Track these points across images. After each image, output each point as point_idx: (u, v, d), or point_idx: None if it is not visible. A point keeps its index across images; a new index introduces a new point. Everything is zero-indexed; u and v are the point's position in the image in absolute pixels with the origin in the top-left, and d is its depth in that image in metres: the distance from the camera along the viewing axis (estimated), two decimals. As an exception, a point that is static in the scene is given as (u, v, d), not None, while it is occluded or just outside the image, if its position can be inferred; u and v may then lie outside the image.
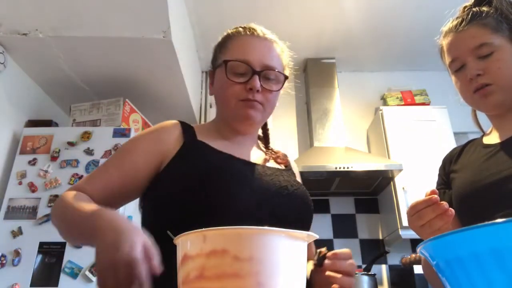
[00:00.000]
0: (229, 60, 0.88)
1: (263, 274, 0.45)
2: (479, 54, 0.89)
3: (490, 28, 0.90)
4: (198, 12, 2.65)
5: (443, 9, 1.14)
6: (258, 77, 0.87)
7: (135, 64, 2.38)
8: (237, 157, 0.88)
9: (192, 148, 0.85)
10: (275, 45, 0.95)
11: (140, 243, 0.56)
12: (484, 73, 0.88)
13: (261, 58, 0.89)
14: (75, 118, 2.48)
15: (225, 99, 0.90)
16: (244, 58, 0.88)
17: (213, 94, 0.97)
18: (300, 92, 3.31)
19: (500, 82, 0.88)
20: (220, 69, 0.91)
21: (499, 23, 0.90)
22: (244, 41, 0.92)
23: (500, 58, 0.88)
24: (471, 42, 0.90)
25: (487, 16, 0.91)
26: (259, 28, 0.95)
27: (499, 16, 0.91)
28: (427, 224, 0.77)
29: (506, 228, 0.38)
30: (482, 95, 0.90)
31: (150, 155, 0.84)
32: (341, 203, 2.91)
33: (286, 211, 0.82)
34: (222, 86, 0.90)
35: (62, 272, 1.89)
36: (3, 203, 2.08)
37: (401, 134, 2.72)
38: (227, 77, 0.87)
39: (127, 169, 0.83)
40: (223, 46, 0.94)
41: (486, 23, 0.90)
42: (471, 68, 0.90)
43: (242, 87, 0.87)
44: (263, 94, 0.89)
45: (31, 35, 2.09)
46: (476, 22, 0.91)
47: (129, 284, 0.54)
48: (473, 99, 0.93)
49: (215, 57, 0.97)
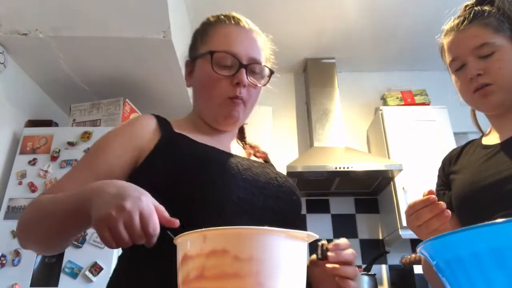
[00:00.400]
0: (215, 51, 0.81)
1: (263, 274, 0.45)
2: (480, 54, 0.89)
3: (492, 28, 0.89)
4: (198, 12, 2.65)
5: (443, 8, 1.14)
6: (245, 70, 0.82)
7: (135, 64, 2.38)
8: (222, 150, 0.83)
9: (172, 140, 0.79)
10: (259, 37, 0.90)
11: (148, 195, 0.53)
12: (485, 73, 0.88)
13: (248, 51, 0.84)
14: (75, 118, 2.48)
15: (209, 95, 0.83)
16: (231, 50, 0.82)
17: (191, 85, 0.90)
18: (300, 92, 3.31)
19: (501, 82, 0.87)
20: (203, 59, 0.84)
21: (500, 23, 0.90)
22: (230, 30, 0.85)
23: (501, 58, 0.87)
24: (472, 41, 0.89)
25: (489, 16, 0.90)
26: (243, 18, 0.89)
27: (501, 16, 0.90)
28: (424, 225, 0.78)
29: (506, 228, 0.38)
30: (482, 95, 0.89)
31: (124, 152, 0.78)
32: (341, 203, 2.91)
33: (279, 202, 0.80)
34: (206, 79, 0.83)
35: (62, 272, 1.89)
36: (3, 203, 2.08)
37: (401, 134, 2.72)
38: (213, 69, 0.81)
39: (101, 169, 0.76)
40: (205, 34, 0.88)
41: (488, 22, 0.90)
42: (471, 67, 0.89)
43: (229, 81, 0.82)
44: (247, 89, 0.84)
45: (31, 35, 2.09)
46: (477, 21, 0.90)
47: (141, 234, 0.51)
48: (473, 98, 0.92)
49: (195, 45, 0.90)
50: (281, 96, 3.29)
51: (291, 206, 0.83)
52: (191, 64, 0.90)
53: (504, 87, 0.88)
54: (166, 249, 0.56)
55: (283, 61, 3.26)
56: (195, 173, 0.73)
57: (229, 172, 0.75)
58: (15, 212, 2.05)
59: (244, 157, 0.87)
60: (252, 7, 2.63)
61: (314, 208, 2.89)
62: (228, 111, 0.83)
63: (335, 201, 2.92)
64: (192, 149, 0.79)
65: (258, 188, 0.77)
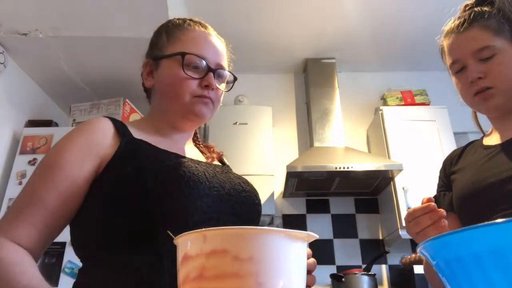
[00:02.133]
0: (186, 53, 0.82)
1: (263, 274, 0.45)
2: (481, 56, 0.88)
3: (492, 30, 0.88)
4: (198, 12, 2.65)
5: (443, 8, 1.14)
6: (213, 74, 0.84)
7: (135, 64, 2.35)
8: (185, 156, 0.82)
9: (133, 148, 0.76)
10: (223, 44, 0.92)
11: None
12: (485, 76, 0.87)
13: (216, 56, 0.86)
14: (75, 118, 2.48)
15: (177, 94, 0.83)
16: (201, 53, 0.84)
17: (152, 85, 0.89)
18: (300, 92, 3.31)
19: (501, 85, 0.87)
20: (171, 60, 0.84)
21: (501, 25, 0.89)
22: (199, 35, 0.87)
23: (502, 61, 0.87)
24: (472, 44, 0.89)
25: (489, 18, 0.89)
26: (208, 25, 0.92)
27: (501, 18, 0.89)
28: (422, 233, 0.79)
29: (506, 228, 0.38)
30: (483, 98, 0.89)
31: (85, 162, 0.72)
32: (341, 203, 2.91)
33: (243, 206, 0.82)
34: (174, 79, 0.83)
35: (62, 272, 1.90)
36: (3, 203, 2.08)
37: (401, 134, 2.72)
38: (184, 70, 0.82)
39: (63, 185, 0.70)
40: (172, 36, 0.88)
41: (488, 24, 0.89)
42: (472, 71, 0.89)
43: (197, 83, 0.83)
44: (215, 92, 0.85)
45: (31, 35, 2.09)
46: (478, 23, 0.90)
47: None
48: (474, 101, 0.92)
49: (158, 46, 0.90)
50: (281, 96, 3.29)
51: (253, 210, 0.86)
52: (153, 64, 0.89)
53: (505, 90, 0.87)
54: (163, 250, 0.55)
55: (283, 61, 3.27)
56: (163, 183, 0.71)
57: (197, 181, 0.74)
58: (15, 212, 2.05)
59: (207, 163, 0.87)
60: (252, 7, 2.63)
61: (314, 208, 2.89)
62: (198, 108, 0.83)
63: (335, 201, 2.92)
64: (157, 157, 0.76)
65: (224, 195, 0.78)
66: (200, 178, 0.75)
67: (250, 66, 3.24)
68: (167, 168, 0.74)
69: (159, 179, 0.71)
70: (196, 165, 0.79)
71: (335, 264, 2.68)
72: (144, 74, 0.91)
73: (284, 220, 2.86)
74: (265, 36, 2.90)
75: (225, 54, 0.91)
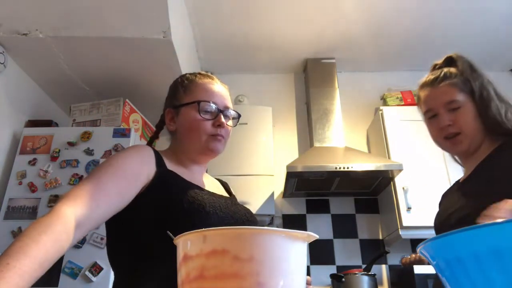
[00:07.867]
0: (201, 100, 1.03)
1: (263, 274, 0.45)
2: (450, 107, 1.09)
3: (458, 88, 1.10)
4: (198, 12, 2.65)
5: (442, 9, 1.14)
6: (222, 115, 1.04)
7: (135, 64, 2.38)
8: (204, 189, 1.00)
9: (167, 178, 0.94)
10: (227, 89, 1.12)
11: None
12: (454, 124, 1.08)
13: (223, 100, 1.07)
14: (75, 118, 2.48)
15: (196, 134, 1.02)
16: (212, 99, 1.04)
17: (174, 129, 1.07)
18: (300, 92, 3.31)
19: (466, 131, 1.07)
20: (189, 107, 1.04)
21: (464, 83, 1.10)
22: (209, 85, 1.08)
23: (466, 112, 1.08)
24: (443, 97, 1.10)
25: (455, 77, 1.11)
26: (214, 76, 1.13)
27: (463, 79, 1.11)
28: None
29: (506, 228, 0.38)
30: (453, 143, 1.10)
31: (139, 174, 0.89)
32: (341, 203, 2.91)
33: None
34: (193, 122, 1.02)
35: (62, 272, 1.89)
36: (3, 203, 2.08)
37: (401, 134, 2.71)
38: (200, 114, 1.02)
39: (123, 186, 0.84)
40: (188, 89, 1.07)
41: (455, 83, 1.10)
42: (443, 119, 1.10)
43: (211, 123, 1.03)
44: (225, 129, 1.05)
45: (31, 35, 2.09)
46: (448, 81, 1.11)
47: None
48: (444, 144, 1.13)
49: (176, 97, 1.08)
50: (281, 96, 3.29)
51: None
52: (174, 111, 1.08)
53: (469, 135, 1.07)
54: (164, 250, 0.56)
55: (283, 61, 3.27)
56: (188, 212, 0.87)
57: (214, 213, 0.91)
58: (15, 212, 2.05)
59: (220, 196, 1.03)
60: (252, 7, 2.63)
61: (314, 208, 2.89)
62: (213, 145, 1.03)
63: (335, 201, 2.92)
64: (184, 188, 0.93)
65: (233, 224, 0.95)
66: (217, 210, 0.92)
67: (250, 66, 3.24)
68: (192, 199, 0.90)
69: (186, 208, 0.87)
70: (213, 197, 0.97)
71: (335, 264, 2.68)
72: (167, 120, 1.10)
73: (284, 220, 2.86)
74: (265, 36, 2.90)
75: (229, 97, 1.11)
